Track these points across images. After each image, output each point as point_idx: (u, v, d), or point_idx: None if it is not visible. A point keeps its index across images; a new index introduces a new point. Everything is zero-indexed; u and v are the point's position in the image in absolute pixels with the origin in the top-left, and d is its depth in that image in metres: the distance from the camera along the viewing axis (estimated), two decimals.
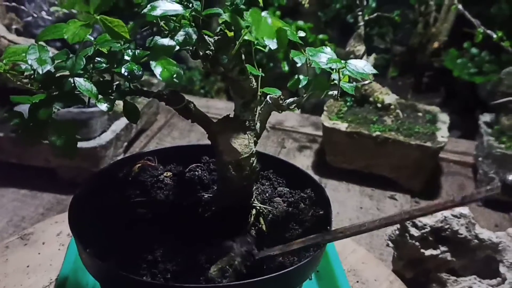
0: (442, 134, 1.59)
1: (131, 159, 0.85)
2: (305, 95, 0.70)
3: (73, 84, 0.60)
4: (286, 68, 2.47)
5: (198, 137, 1.85)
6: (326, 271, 0.89)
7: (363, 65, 0.65)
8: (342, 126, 1.61)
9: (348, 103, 1.75)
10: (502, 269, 1.09)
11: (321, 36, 2.17)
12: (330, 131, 1.63)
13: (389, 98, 1.71)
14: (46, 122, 0.61)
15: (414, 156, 1.57)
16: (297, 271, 0.64)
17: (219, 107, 2.02)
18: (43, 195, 1.47)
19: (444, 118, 1.69)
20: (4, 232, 1.31)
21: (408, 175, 1.62)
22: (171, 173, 0.81)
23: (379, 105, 1.70)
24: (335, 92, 0.69)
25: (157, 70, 0.59)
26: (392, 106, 1.69)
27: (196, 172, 0.82)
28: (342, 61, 0.65)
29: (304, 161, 1.78)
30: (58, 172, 1.48)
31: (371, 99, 1.72)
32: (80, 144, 1.42)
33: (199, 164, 0.85)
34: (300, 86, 0.69)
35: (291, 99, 0.71)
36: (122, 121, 1.56)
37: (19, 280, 0.89)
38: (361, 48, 1.65)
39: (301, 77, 0.70)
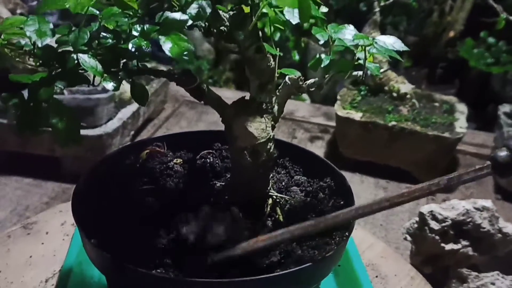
0: (461, 124, 1.53)
1: (138, 145, 0.80)
2: (327, 76, 0.65)
3: (76, 61, 0.55)
4: (297, 57, 2.41)
5: (207, 127, 1.80)
6: (344, 266, 0.84)
7: (392, 42, 0.59)
8: (356, 115, 1.56)
9: (362, 92, 1.69)
10: None
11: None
12: (344, 120, 1.57)
13: (405, 87, 1.65)
14: (47, 102, 0.56)
15: (430, 147, 1.51)
16: (318, 266, 0.59)
17: (228, 97, 1.94)
18: (47, 184, 1.42)
19: (462, 108, 1.63)
20: (8, 221, 1.27)
21: (424, 167, 1.56)
22: (181, 160, 0.76)
23: (394, 94, 1.64)
24: (360, 73, 0.64)
25: (167, 45, 0.54)
26: (408, 96, 1.63)
27: (208, 160, 0.78)
28: (370, 38, 0.59)
29: (315, 152, 1.72)
30: (63, 161, 1.44)
31: (386, 88, 1.66)
32: (86, 132, 1.37)
33: (210, 151, 0.80)
34: (322, 65, 0.64)
35: (311, 80, 0.66)
36: (129, 109, 1.51)
37: (21, 271, 0.85)
38: (376, 35, 1.59)
39: (323, 56, 0.64)
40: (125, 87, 1.59)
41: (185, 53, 0.54)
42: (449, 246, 1.09)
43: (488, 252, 1.09)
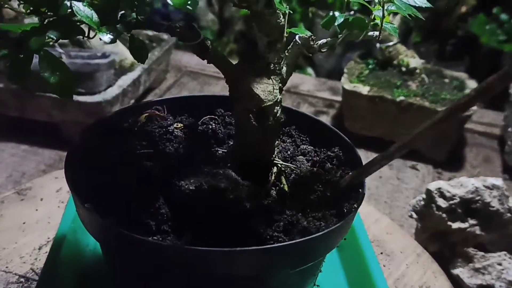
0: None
1: (137, 108, 0.75)
2: (340, 35, 0.60)
3: (70, 9, 0.50)
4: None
5: None
6: (349, 241, 0.81)
7: None
8: (364, 89, 1.51)
9: (370, 66, 1.64)
10: None
11: None
12: (350, 94, 1.53)
13: (415, 61, 1.60)
14: (38, 53, 0.52)
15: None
16: (325, 238, 0.55)
17: None
18: (44, 151, 1.39)
19: (472, 85, 1.58)
20: (3, 188, 1.24)
21: (431, 145, 1.52)
22: (182, 125, 0.72)
23: (403, 68, 1.59)
24: (376, 33, 0.59)
25: None
26: (418, 71, 1.58)
27: (210, 126, 0.73)
28: None
29: None
30: (61, 127, 1.40)
31: (395, 62, 1.61)
32: (84, 98, 1.33)
33: (213, 117, 0.76)
34: (335, 24, 0.59)
35: (323, 40, 0.61)
36: (129, 76, 1.47)
37: (14, 237, 0.82)
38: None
39: (337, 13, 0.60)
40: (126, 53, 1.54)
41: (189, 1, 0.50)
42: (456, 225, 1.05)
43: (496, 231, 1.06)
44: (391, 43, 1.59)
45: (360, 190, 0.62)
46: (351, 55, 2.04)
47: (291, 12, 0.62)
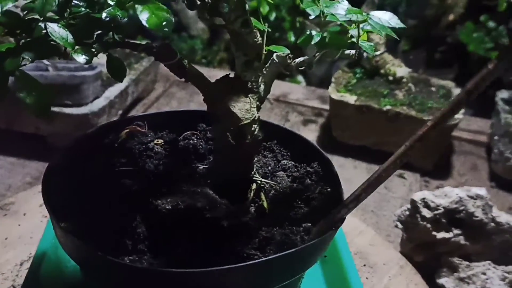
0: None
1: (119, 124, 0.76)
2: (317, 53, 0.61)
3: (44, 31, 0.51)
4: (292, 38, 2.35)
5: (198, 107, 1.74)
6: (331, 254, 0.81)
7: (388, 18, 0.55)
8: (351, 99, 1.52)
9: (357, 75, 1.64)
10: None
11: None
12: (338, 104, 1.53)
13: (402, 70, 1.61)
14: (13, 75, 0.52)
15: None
16: (302, 255, 0.55)
17: None
18: (31, 163, 1.38)
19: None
20: None
21: (418, 153, 1.53)
22: (162, 141, 0.72)
23: (390, 78, 1.60)
24: (353, 51, 0.60)
25: (144, 16, 0.49)
26: (405, 80, 1.59)
27: (191, 141, 0.74)
28: (364, 13, 0.55)
29: (308, 136, 1.68)
30: (48, 140, 1.40)
31: (382, 71, 1.62)
32: (71, 111, 1.33)
33: (194, 132, 0.76)
34: (312, 43, 0.60)
35: (301, 58, 0.62)
36: (117, 88, 1.46)
37: None
38: None
39: (314, 32, 0.60)
40: None
41: (164, 23, 0.50)
42: (440, 235, 1.06)
43: (480, 241, 1.06)
44: (378, 53, 1.60)
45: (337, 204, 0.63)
46: (343, 62, 2.06)
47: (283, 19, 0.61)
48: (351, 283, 0.74)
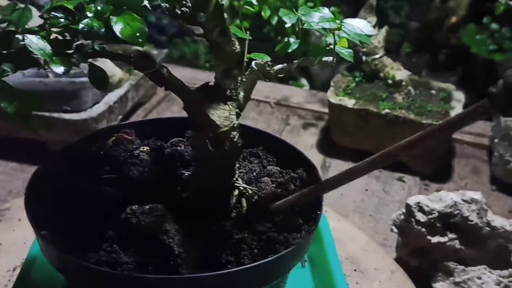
0: (456, 113, 1.48)
1: (107, 131, 0.77)
2: (295, 61, 0.61)
3: (23, 42, 0.52)
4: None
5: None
6: (320, 258, 0.81)
7: (361, 26, 0.55)
8: (349, 102, 1.52)
9: (357, 79, 1.64)
10: None
11: (332, 8, 2.05)
12: (337, 108, 1.53)
13: (401, 74, 1.60)
14: None
15: None
16: (276, 262, 0.56)
17: None
18: (32, 169, 1.39)
19: (459, 97, 1.58)
20: None
21: (418, 157, 1.52)
22: (148, 148, 0.73)
23: (389, 81, 1.60)
24: (330, 59, 0.60)
25: (117, 27, 0.50)
26: (404, 83, 1.59)
27: (178, 148, 0.75)
28: (338, 21, 0.55)
29: (308, 140, 1.69)
30: (49, 146, 1.42)
31: (381, 74, 1.62)
32: (70, 116, 1.35)
33: (181, 139, 0.77)
34: (289, 50, 0.60)
35: (279, 66, 0.62)
36: (116, 93, 1.48)
37: None
38: (372, 20, 1.54)
39: (292, 40, 0.61)
40: (114, 69, 1.56)
41: (137, 34, 0.51)
42: (435, 239, 1.05)
43: (476, 245, 1.06)
44: (377, 56, 1.59)
45: (318, 212, 0.63)
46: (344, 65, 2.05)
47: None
48: None
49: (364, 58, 1.61)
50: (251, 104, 1.88)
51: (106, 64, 1.44)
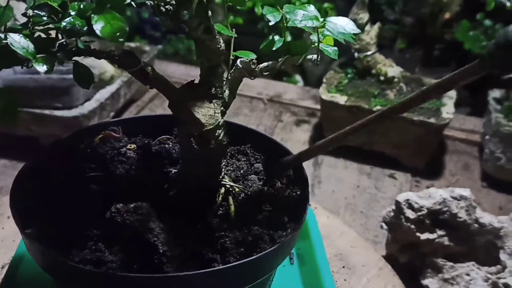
0: (448, 110, 1.49)
1: (94, 129, 0.77)
2: (280, 59, 0.61)
3: (5, 41, 0.52)
4: (289, 38, 2.35)
5: None
6: (308, 255, 0.82)
7: (344, 24, 0.55)
8: (341, 99, 1.52)
9: (349, 75, 1.64)
10: (502, 256, 1.01)
11: (326, 4, 2.04)
12: (328, 104, 1.54)
13: (393, 70, 1.61)
14: None
15: (416, 133, 1.47)
16: (263, 259, 0.56)
17: None
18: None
19: (450, 93, 1.59)
20: None
21: (409, 153, 1.53)
22: (135, 146, 0.73)
23: (381, 78, 1.60)
24: (314, 57, 0.60)
25: (98, 25, 0.50)
26: (396, 79, 1.59)
27: (166, 145, 0.75)
28: (321, 19, 0.55)
29: (301, 136, 1.69)
30: (41, 142, 1.41)
31: (373, 71, 1.62)
32: (61, 113, 1.34)
33: (169, 137, 0.77)
34: (274, 48, 0.60)
35: (265, 64, 0.62)
36: (108, 90, 1.48)
37: None
38: (364, 16, 1.54)
39: (276, 38, 0.61)
40: (106, 66, 1.55)
41: (118, 33, 0.51)
42: (424, 236, 1.06)
43: (464, 242, 1.06)
44: (369, 53, 1.59)
45: (303, 210, 0.63)
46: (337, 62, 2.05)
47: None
48: (324, 285, 0.74)
49: (356, 54, 1.61)
50: (244, 101, 1.88)
51: (98, 61, 1.44)
